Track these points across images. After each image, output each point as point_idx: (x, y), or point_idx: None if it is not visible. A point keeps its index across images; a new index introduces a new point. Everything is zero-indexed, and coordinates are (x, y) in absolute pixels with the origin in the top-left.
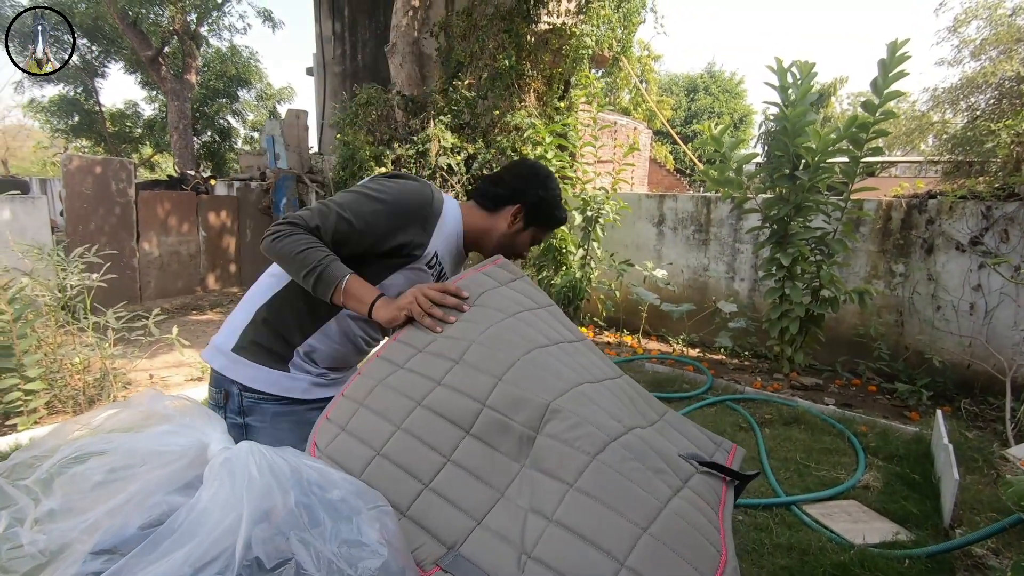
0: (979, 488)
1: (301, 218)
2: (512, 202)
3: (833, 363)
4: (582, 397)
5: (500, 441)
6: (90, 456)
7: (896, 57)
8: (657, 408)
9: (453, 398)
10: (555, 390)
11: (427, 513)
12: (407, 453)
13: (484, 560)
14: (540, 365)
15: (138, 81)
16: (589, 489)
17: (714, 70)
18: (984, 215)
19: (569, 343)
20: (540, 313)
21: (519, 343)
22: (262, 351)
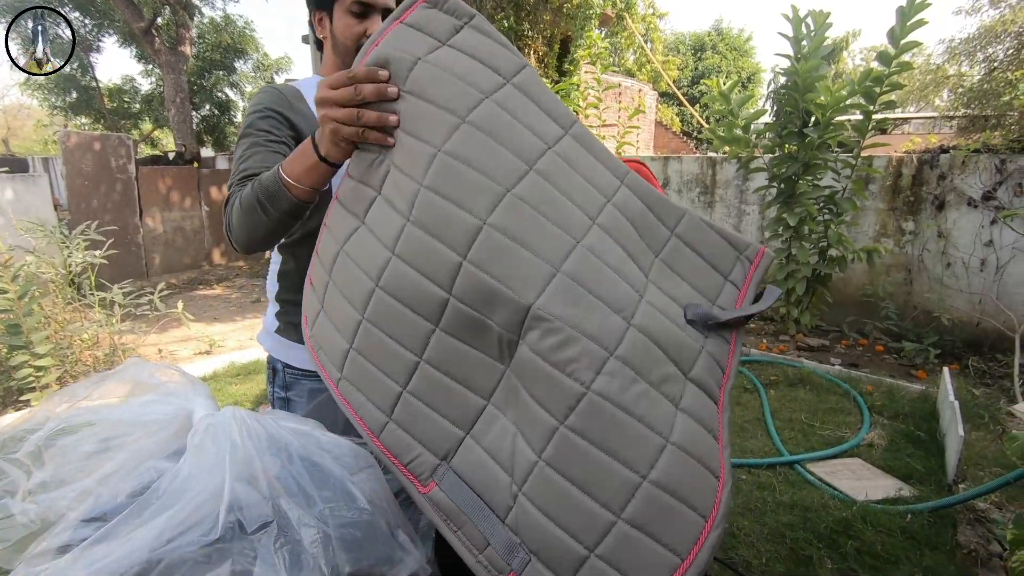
0: (984, 444)
1: (238, 182)
2: (313, 17)
3: (840, 324)
4: (573, 282)
5: (477, 340)
6: (78, 428)
7: (916, 4)
8: (672, 214)
9: (411, 280)
10: (536, 278)
11: (412, 418)
12: (377, 349)
13: (476, 479)
14: (516, 226)
15: (133, 55)
16: (583, 430)
17: (722, 27)
18: (998, 169)
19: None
20: (509, 95)
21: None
22: (298, 329)
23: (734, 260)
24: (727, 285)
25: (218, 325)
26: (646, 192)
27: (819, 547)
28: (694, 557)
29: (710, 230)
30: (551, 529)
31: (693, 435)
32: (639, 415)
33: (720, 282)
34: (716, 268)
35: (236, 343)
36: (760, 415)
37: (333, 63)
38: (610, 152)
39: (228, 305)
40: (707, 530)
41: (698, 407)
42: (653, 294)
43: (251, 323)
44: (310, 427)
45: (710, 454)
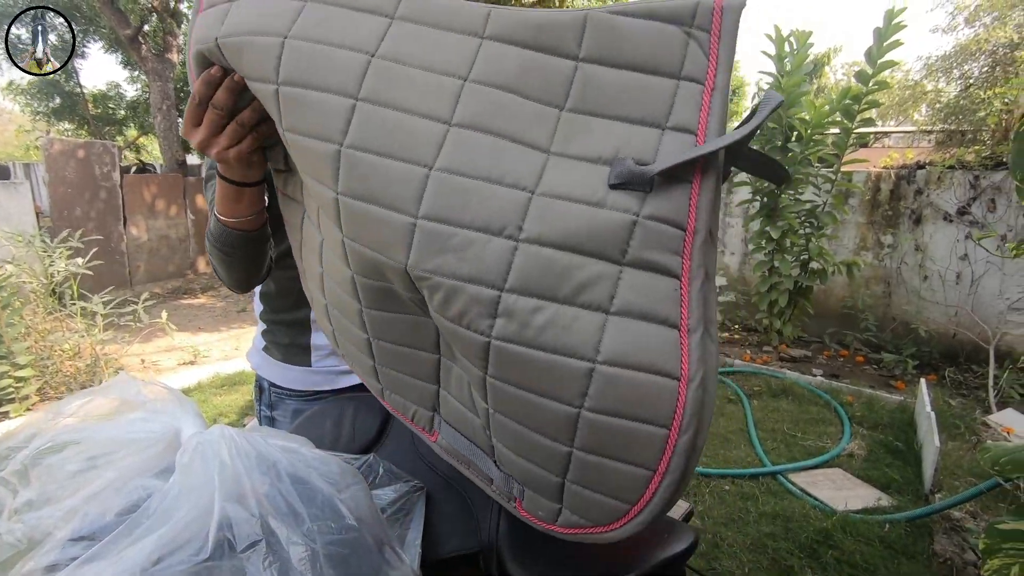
0: (960, 454)
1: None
2: None
3: (822, 335)
4: (436, 223)
5: (396, 305)
6: (65, 445)
7: (892, 25)
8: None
9: (336, 265)
10: (400, 233)
11: (396, 385)
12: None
13: (461, 426)
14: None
15: (119, 61)
16: (505, 378)
17: None
18: (972, 185)
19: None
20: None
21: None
22: (282, 348)
23: (683, 42)
24: (682, 85)
25: (203, 335)
26: (524, 25)
27: (800, 557)
28: (666, 466)
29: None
30: (526, 465)
31: (632, 339)
32: (552, 347)
33: (671, 87)
34: (657, 71)
35: (221, 353)
36: (744, 425)
37: None
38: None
39: (213, 314)
40: (673, 437)
41: (642, 296)
42: (554, 176)
43: (236, 333)
44: (298, 444)
45: (661, 352)
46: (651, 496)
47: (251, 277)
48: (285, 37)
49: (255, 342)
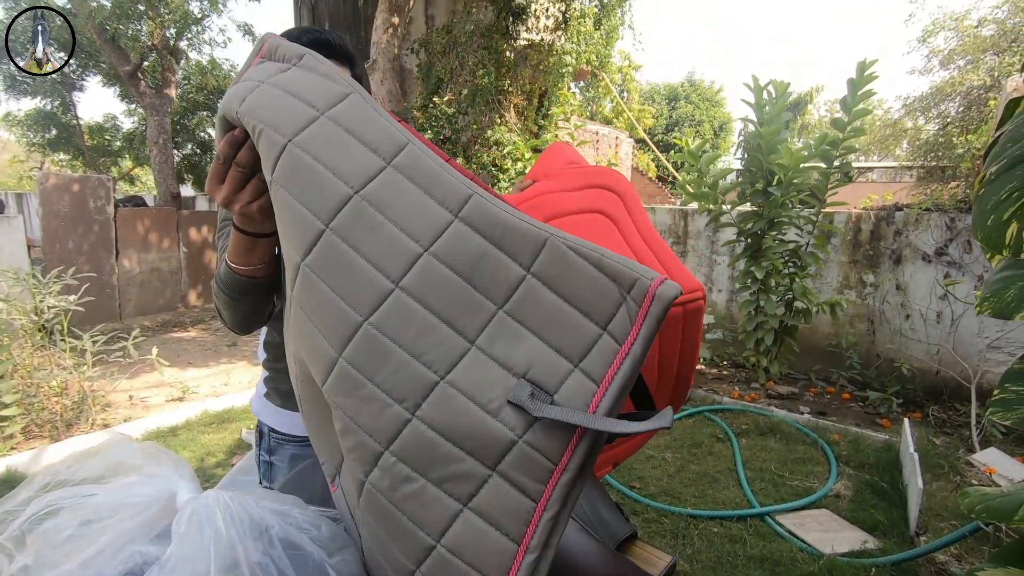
0: (944, 495)
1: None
2: None
3: (808, 371)
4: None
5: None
6: (61, 510)
7: (864, 76)
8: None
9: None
10: (323, 361)
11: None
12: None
13: (349, 493)
14: (306, 308)
15: (117, 95)
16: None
17: (694, 79)
18: (948, 227)
19: (362, 189)
20: (317, 131)
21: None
22: (282, 394)
23: (616, 302)
24: (604, 338)
25: (192, 370)
26: (494, 221)
27: None
28: None
29: (583, 262)
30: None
31: (474, 538)
32: (408, 514)
33: (595, 334)
34: (589, 314)
35: (210, 389)
36: (732, 465)
37: None
38: (450, 173)
39: (203, 349)
40: None
41: (497, 506)
42: (466, 369)
43: (226, 368)
44: (289, 505)
45: (494, 559)
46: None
47: (252, 321)
48: (289, 141)
49: (258, 388)
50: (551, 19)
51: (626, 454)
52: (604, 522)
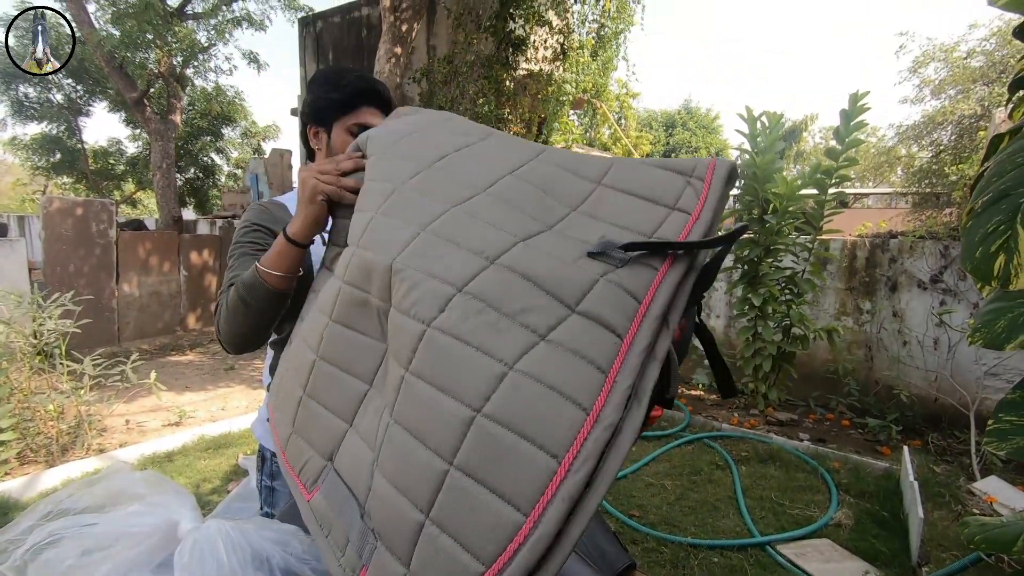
0: (946, 524)
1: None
2: (307, 130)
3: (807, 398)
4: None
5: (361, 321)
6: (62, 540)
7: (857, 108)
8: (594, 170)
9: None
10: (402, 238)
11: (307, 423)
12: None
13: (350, 471)
14: (401, 205)
15: (122, 120)
16: (421, 370)
17: (691, 106)
18: (942, 254)
19: (465, 148)
20: (433, 133)
21: (384, 190)
22: None
23: (682, 186)
24: (673, 214)
25: (188, 394)
26: (567, 158)
27: None
28: (540, 511)
29: (647, 166)
30: (392, 497)
31: (554, 364)
32: (477, 344)
33: (662, 213)
34: (657, 201)
35: (207, 414)
36: (732, 493)
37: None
38: (520, 143)
39: (201, 373)
40: (561, 473)
41: (579, 339)
42: (544, 240)
43: (223, 392)
44: (289, 535)
45: (579, 383)
46: (510, 555)
47: (250, 339)
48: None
49: (260, 413)
50: (549, 50)
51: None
52: (602, 552)
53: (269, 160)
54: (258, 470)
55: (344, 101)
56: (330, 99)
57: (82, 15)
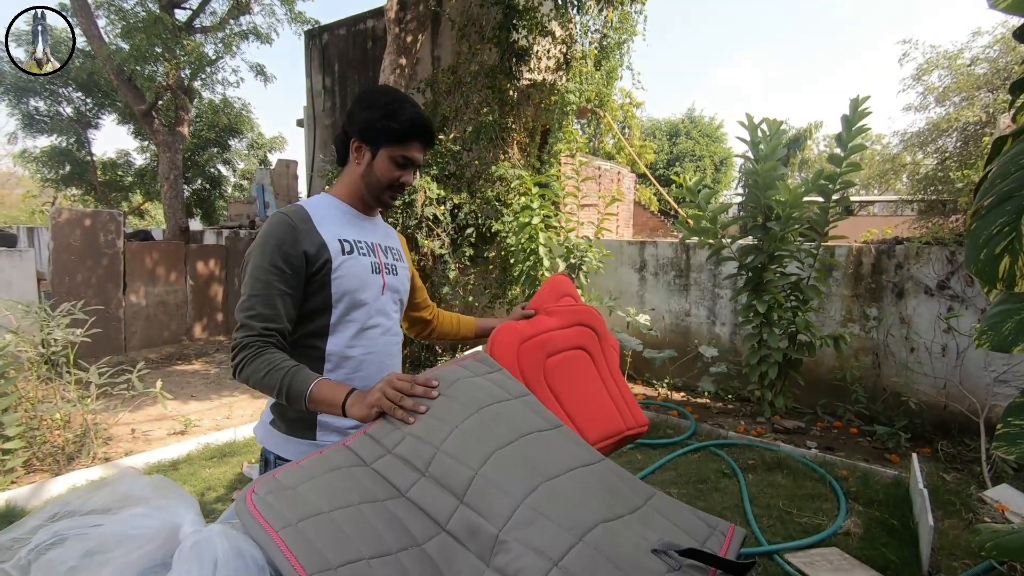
0: (957, 533)
1: (250, 325)
2: (348, 141)
3: (814, 405)
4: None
5: (452, 564)
6: (67, 540)
7: (858, 113)
8: (642, 492)
9: (415, 515)
10: (506, 510)
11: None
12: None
13: None
14: (499, 475)
15: (130, 132)
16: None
17: (694, 115)
18: (949, 260)
19: (542, 431)
20: (513, 405)
21: (481, 449)
22: (290, 422)
23: (707, 533)
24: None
25: (194, 403)
26: (621, 473)
27: None
28: None
29: (683, 506)
30: None
31: None
32: None
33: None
34: (690, 535)
35: (212, 423)
36: (739, 501)
37: (354, 187)
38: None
39: (206, 381)
40: None
41: None
42: (617, 527)
43: (228, 401)
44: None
45: None
46: None
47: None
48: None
49: (262, 416)
50: (552, 60)
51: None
52: None
53: (275, 171)
54: (261, 473)
55: (400, 134)
56: (387, 127)
57: (92, 29)
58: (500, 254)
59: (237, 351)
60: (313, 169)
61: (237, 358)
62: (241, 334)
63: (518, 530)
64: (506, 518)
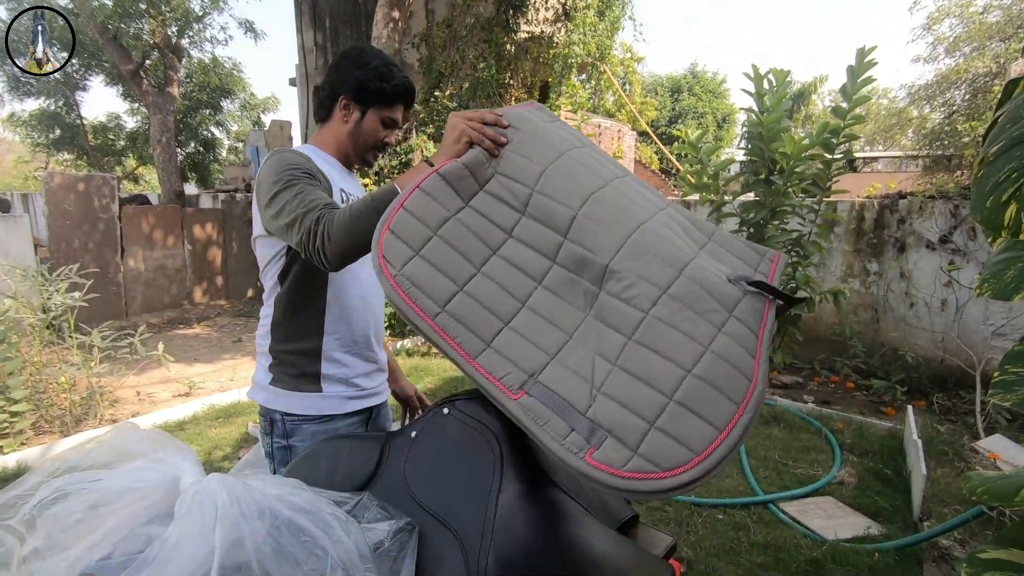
0: (948, 481)
1: (312, 209)
2: (335, 98)
3: (812, 361)
4: (637, 246)
5: (568, 293)
6: (69, 495)
7: (864, 63)
8: (706, 229)
9: (525, 252)
10: (613, 245)
11: (508, 346)
12: (488, 295)
13: (561, 389)
14: (598, 215)
15: (120, 94)
16: (644, 341)
17: (697, 71)
18: (952, 214)
19: (619, 179)
20: (586, 151)
21: (575, 189)
22: (293, 378)
23: (759, 259)
24: (756, 274)
25: (198, 366)
26: (687, 213)
27: None
28: (728, 431)
29: (737, 239)
30: (622, 413)
31: (730, 348)
32: (684, 331)
33: (751, 271)
34: (746, 263)
35: (216, 384)
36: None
37: (340, 144)
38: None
39: (208, 345)
40: (739, 413)
41: (738, 334)
42: (703, 259)
43: (231, 364)
44: (291, 488)
45: (744, 363)
46: (711, 451)
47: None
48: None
49: (257, 380)
50: (551, 11)
51: None
52: (605, 504)
53: (269, 132)
54: (267, 434)
55: (390, 96)
56: (380, 88)
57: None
58: None
59: (313, 225)
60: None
61: (315, 234)
62: (310, 217)
63: (627, 262)
64: (614, 251)
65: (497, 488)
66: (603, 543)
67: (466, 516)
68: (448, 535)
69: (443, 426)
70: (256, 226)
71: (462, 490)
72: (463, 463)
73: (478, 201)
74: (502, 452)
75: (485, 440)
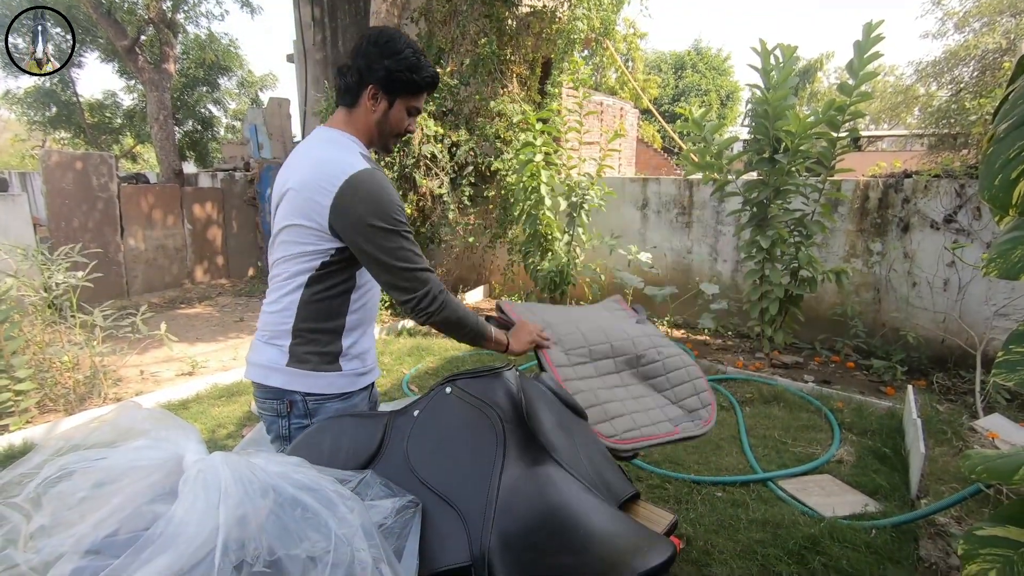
0: (947, 460)
1: (429, 272)
2: (363, 85)
3: (813, 341)
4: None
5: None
6: (74, 473)
7: (871, 39)
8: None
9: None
10: (591, 339)
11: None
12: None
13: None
14: (610, 334)
15: (116, 71)
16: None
17: (700, 47)
18: (958, 193)
19: (612, 320)
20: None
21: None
22: (315, 358)
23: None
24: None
25: (200, 345)
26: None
27: (789, 563)
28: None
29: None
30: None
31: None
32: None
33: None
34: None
35: (219, 363)
36: (736, 432)
37: (369, 132)
38: (636, 327)
39: (210, 324)
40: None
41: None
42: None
43: (234, 343)
44: (294, 466)
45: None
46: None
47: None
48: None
49: (270, 363)
50: None
51: None
52: (607, 483)
53: (267, 110)
54: (282, 416)
55: (420, 86)
56: (411, 80)
57: None
58: (500, 193)
59: (438, 293)
60: (306, 106)
61: (440, 298)
62: (433, 281)
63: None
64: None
65: (500, 466)
66: (605, 521)
67: (469, 494)
68: (451, 512)
69: (446, 405)
70: (300, 216)
71: (465, 468)
72: (466, 441)
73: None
74: (504, 431)
75: (487, 419)
